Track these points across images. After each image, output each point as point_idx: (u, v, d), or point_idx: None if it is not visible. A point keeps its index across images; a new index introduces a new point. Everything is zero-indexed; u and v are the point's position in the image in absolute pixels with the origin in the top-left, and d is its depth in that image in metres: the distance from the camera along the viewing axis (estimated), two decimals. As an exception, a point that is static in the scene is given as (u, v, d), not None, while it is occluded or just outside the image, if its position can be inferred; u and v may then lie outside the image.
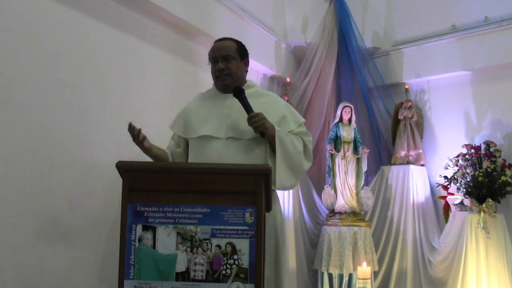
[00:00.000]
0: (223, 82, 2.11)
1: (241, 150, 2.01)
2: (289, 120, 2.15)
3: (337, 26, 4.47)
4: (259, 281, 1.44)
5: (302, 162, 2.08)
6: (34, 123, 2.24)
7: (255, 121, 1.96)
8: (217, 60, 2.11)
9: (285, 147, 2.01)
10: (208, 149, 2.04)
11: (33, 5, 2.27)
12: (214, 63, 2.13)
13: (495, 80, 4.03)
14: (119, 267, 1.46)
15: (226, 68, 2.10)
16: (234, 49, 2.14)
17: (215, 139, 2.04)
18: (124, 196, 1.50)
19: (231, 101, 2.10)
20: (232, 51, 2.13)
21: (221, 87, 2.15)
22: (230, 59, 2.10)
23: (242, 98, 2.02)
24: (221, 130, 2.06)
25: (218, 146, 2.03)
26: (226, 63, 2.10)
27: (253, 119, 1.96)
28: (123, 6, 2.80)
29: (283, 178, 1.99)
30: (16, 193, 2.13)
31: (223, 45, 2.15)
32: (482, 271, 3.53)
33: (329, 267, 3.78)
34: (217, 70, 2.11)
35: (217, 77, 2.14)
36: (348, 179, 3.98)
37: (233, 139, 2.03)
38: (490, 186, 3.66)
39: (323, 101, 4.32)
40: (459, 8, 4.28)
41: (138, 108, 2.81)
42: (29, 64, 2.23)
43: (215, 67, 2.13)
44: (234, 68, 2.12)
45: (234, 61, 2.12)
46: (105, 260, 2.53)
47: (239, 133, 2.04)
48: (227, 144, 2.03)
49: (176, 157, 2.21)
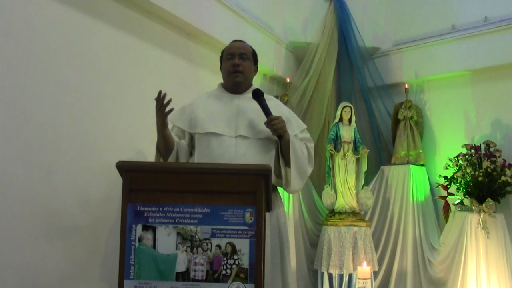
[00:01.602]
0: (236, 78, 2.15)
1: (251, 149, 2.04)
2: (293, 124, 2.22)
3: (337, 26, 4.46)
4: (259, 281, 1.44)
5: (307, 167, 2.17)
6: (34, 123, 2.24)
7: (276, 123, 2.01)
8: (234, 57, 2.16)
9: (295, 151, 2.08)
10: (216, 146, 2.04)
11: (33, 6, 2.27)
12: (230, 59, 2.17)
13: (495, 80, 4.02)
14: (119, 267, 1.46)
15: (241, 65, 2.15)
16: (250, 52, 2.23)
17: (224, 137, 2.06)
18: (124, 196, 1.50)
19: (238, 101, 2.14)
20: (249, 53, 2.21)
21: (232, 84, 2.17)
22: (246, 58, 2.18)
23: (261, 101, 2.08)
24: (230, 128, 2.07)
25: (228, 143, 2.04)
26: (241, 61, 2.16)
27: (274, 121, 2.01)
28: (123, 6, 2.80)
29: (295, 181, 2.09)
30: (16, 193, 2.12)
31: (242, 44, 2.23)
32: (482, 271, 3.53)
33: (329, 267, 3.78)
34: (233, 65, 2.15)
35: (230, 73, 2.17)
36: (348, 179, 3.97)
37: (242, 138, 2.06)
38: (490, 186, 3.65)
39: (323, 101, 4.32)
40: (459, 8, 4.27)
41: (138, 108, 2.81)
42: (29, 64, 2.23)
43: (230, 62, 2.16)
44: (248, 68, 2.19)
45: (249, 62, 2.20)
46: (105, 260, 2.53)
47: (248, 132, 2.07)
48: (237, 143, 2.05)
49: (180, 148, 2.17)
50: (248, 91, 2.19)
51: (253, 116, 2.11)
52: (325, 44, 4.38)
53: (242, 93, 2.20)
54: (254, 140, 2.07)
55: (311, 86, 4.30)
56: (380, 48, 4.68)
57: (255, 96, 2.10)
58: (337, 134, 4.06)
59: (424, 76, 4.42)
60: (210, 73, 3.42)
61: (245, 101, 2.15)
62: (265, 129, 2.07)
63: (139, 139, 2.82)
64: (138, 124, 2.74)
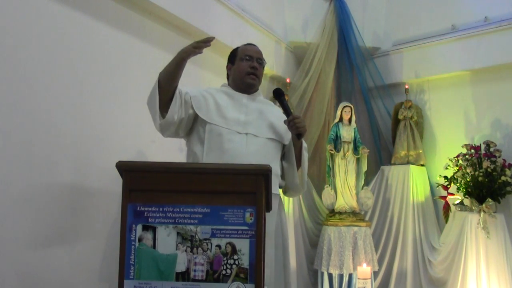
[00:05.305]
0: (252, 80, 2.17)
1: (261, 148, 2.06)
2: None
3: (337, 26, 4.46)
4: (259, 281, 1.44)
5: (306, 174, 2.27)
6: (33, 123, 2.24)
7: (299, 121, 2.02)
8: (252, 59, 2.18)
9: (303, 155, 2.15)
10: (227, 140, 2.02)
11: (33, 6, 2.27)
12: (248, 61, 2.18)
13: (495, 80, 4.03)
14: (119, 267, 1.45)
15: (258, 70, 2.18)
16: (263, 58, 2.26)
17: (235, 133, 2.05)
18: (124, 196, 1.50)
19: (246, 101, 2.16)
20: (263, 59, 2.25)
21: (247, 85, 2.18)
22: (261, 63, 2.21)
23: (282, 100, 2.10)
24: (240, 125, 2.07)
25: (238, 140, 2.04)
26: (259, 65, 2.19)
27: (297, 119, 2.02)
28: (124, 6, 2.80)
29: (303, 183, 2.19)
30: (16, 193, 2.13)
31: (259, 49, 2.26)
32: (482, 271, 3.53)
33: (329, 267, 3.78)
34: (252, 67, 2.17)
35: (247, 74, 2.17)
36: (348, 179, 3.98)
37: (252, 136, 2.07)
38: (490, 186, 3.66)
39: (323, 101, 4.33)
40: (459, 8, 4.28)
41: (138, 108, 2.81)
42: (29, 64, 2.23)
43: (249, 63, 2.17)
44: (262, 73, 2.23)
45: (262, 67, 2.23)
46: (105, 260, 2.53)
47: (258, 131, 2.08)
48: (247, 140, 2.05)
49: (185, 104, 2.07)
50: (255, 94, 2.22)
51: (263, 116, 2.13)
52: (325, 44, 4.38)
53: (251, 94, 2.21)
54: (264, 139, 2.08)
55: (311, 86, 4.30)
56: (380, 48, 4.68)
57: (277, 95, 2.12)
58: (337, 134, 4.06)
59: (424, 76, 4.42)
60: (210, 73, 3.42)
61: (253, 102, 2.18)
62: (275, 130, 2.11)
63: (139, 139, 2.82)
64: (138, 124, 2.74)
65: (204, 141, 2.05)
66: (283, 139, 2.14)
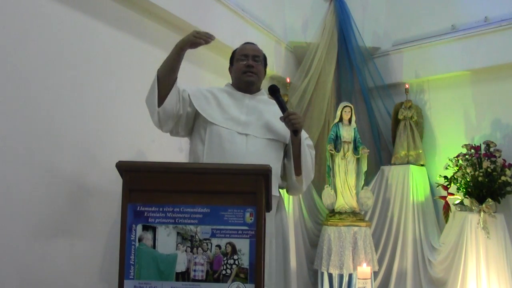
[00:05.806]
0: (249, 77, 2.16)
1: (261, 148, 2.05)
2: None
3: (337, 26, 4.46)
4: (259, 281, 1.44)
5: (312, 171, 2.20)
6: (33, 123, 2.24)
7: (295, 117, 2.01)
8: (248, 58, 2.18)
9: (304, 150, 2.10)
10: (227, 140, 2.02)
11: (33, 6, 2.27)
12: (243, 60, 2.18)
13: (495, 80, 4.02)
14: (119, 267, 1.45)
15: (254, 67, 2.17)
16: (262, 55, 2.25)
17: (235, 133, 2.05)
18: (124, 196, 1.50)
19: (248, 101, 2.16)
20: (261, 55, 2.24)
21: (245, 83, 2.18)
22: (259, 60, 2.20)
23: (277, 97, 2.08)
24: (240, 125, 2.07)
25: (239, 140, 2.03)
26: (255, 63, 2.18)
27: (293, 115, 2.00)
28: (123, 6, 2.80)
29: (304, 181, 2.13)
30: (16, 193, 2.13)
31: (255, 47, 2.25)
32: (482, 271, 3.53)
33: (329, 267, 3.78)
34: (247, 65, 2.16)
35: (244, 72, 2.17)
36: (348, 179, 3.98)
37: (252, 136, 2.06)
38: (490, 186, 3.66)
39: (323, 101, 4.32)
40: (459, 8, 4.28)
41: (138, 108, 2.81)
42: (28, 64, 2.23)
43: (244, 63, 2.17)
44: (260, 70, 2.21)
45: (261, 64, 2.22)
46: (105, 260, 2.53)
47: (258, 131, 2.08)
48: (247, 141, 2.05)
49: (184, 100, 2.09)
50: (258, 93, 2.21)
51: (263, 116, 2.12)
52: (325, 44, 4.38)
53: (253, 94, 2.20)
54: (264, 140, 2.07)
55: (311, 86, 4.30)
56: (380, 48, 4.68)
57: (272, 92, 2.10)
58: (337, 134, 4.06)
59: (424, 76, 4.42)
60: (211, 73, 3.42)
61: (255, 102, 2.17)
62: (275, 131, 2.09)
63: (139, 139, 2.82)
64: (138, 124, 2.73)
65: (205, 141, 2.06)
66: (284, 138, 2.12)
